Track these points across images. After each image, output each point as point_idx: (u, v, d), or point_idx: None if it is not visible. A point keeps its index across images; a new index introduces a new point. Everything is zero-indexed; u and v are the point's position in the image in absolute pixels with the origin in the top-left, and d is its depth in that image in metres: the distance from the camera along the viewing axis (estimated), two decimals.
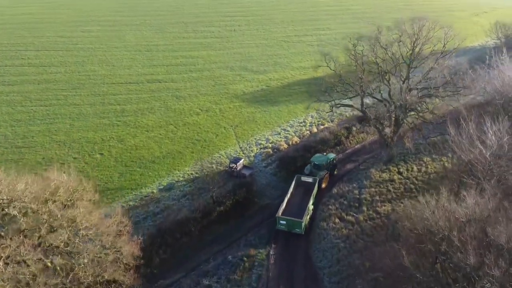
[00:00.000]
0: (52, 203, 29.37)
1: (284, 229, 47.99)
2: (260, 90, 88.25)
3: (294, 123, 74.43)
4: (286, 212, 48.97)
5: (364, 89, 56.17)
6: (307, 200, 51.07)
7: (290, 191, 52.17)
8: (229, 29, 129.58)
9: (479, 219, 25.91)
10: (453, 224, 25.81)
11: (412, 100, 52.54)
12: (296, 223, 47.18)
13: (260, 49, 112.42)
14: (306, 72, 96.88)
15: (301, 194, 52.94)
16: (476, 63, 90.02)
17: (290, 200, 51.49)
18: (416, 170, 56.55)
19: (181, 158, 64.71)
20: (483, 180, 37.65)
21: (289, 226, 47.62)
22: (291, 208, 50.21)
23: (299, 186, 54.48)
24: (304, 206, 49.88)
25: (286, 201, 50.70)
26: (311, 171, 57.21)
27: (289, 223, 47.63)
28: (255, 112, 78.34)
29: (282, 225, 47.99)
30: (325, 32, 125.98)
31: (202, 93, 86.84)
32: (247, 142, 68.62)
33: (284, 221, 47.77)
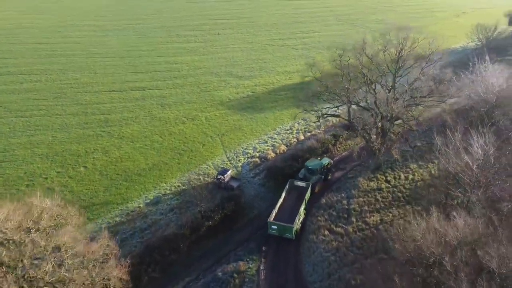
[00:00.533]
0: (35, 232, 28.35)
1: (276, 234, 48.66)
2: (246, 96, 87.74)
3: (281, 130, 74.16)
4: (278, 217, 49.53)
5: (350, 99, 56.12)
6: (300, 205, 51.60)
7: (283, 195, 52.76)
8: (213, 33, 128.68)
9: (469, 241, 26.01)
10: (444, 249, 25.83)
11: (399, 109, 52.75)
12: (287, 228, 47.84)
13: (245, 53, 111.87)
14: (291, 77, 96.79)
15: (294, 199, 53.46)
16: (459, 68, 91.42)
17: (282, 204, 52.06)
18: (404, 178, 56.84)
19: (167, 170, 63.77)
20: (470, 192, 37.94)
21: (280, 231, 48.29)
22: (283, 212, 50.67)
23: (292, 190, 55.12)
24: (296, 211, 50.28)
25: (279, 205, 51.26)
26: (305, 176, 57.85)
27: (280, 228, 48.24)
28: (241, 120, 77.81)
29: (274, 230, 48.62)
30: (309, 35, 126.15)
31: (187, 101, 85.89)
32: (234, 152, 68.07)
33: (276, 226, 48.36)
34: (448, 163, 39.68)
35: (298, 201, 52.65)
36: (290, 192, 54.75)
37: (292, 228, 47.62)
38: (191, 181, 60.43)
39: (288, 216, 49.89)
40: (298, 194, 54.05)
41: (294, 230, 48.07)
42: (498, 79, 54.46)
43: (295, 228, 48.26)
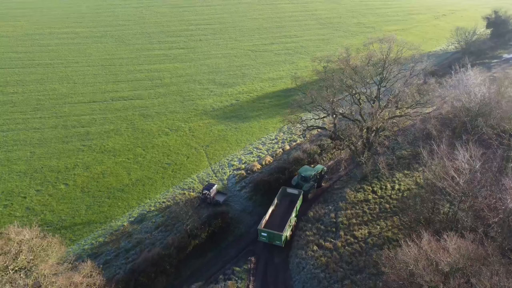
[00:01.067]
0: (13, 270, 26.92)
1: (265, 241, 49.32)
2: (230, 105, 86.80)
3: (266, 140, 73.49)
4: (269, 224, 50.27)
5: (335, 112, 55.81)
6: (291, 212, 51.76)
7: (274, 203, 53.40)
8: (195, 39, 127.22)
9: (461, 267, 25.79)
10: (437, 277, 25.55)
11: (384, 120, 52.68)
12: (277, 236, 48.38)
13: (227, 59, 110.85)
14: (275, 84, 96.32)
15: (286, 206, 54.02)
16: (442, 72, 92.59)
17: (274, 211, 52.75)
18: (390, 188, 56.85)
19: (151, 185, 62.40)
20: (457, 206, 37.94)
21: (270, 238, 48.93)
22: (274, 219, 51.32)
23: (284, 197, 55.43)
24: (287, 218, 50.53)
25: (270, 212, 51.92)
26: (298, 183, 58.07)
27: (270, 236, 48.82)
28: (226, 130, 76.85)
29: (264, 237, 49.29)
30: (292, 40, 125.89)
31: (170, 111, 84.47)
32: (219, 164, 67.08)
33: (265, 233, 48.94)
34: (435, 177, 39.59)
35: (290, 208, 53.18)
36: (282, 199, 55.24)
37: (281, 235, 47.97)
38: (176, 197, 59.30)
39: (278, 223, 50.44)
40: (290, 201, 54.59)
41: (284, 238, 48.43)
42: (481, 88, 54.90)
43: (285, 235, 48.60)
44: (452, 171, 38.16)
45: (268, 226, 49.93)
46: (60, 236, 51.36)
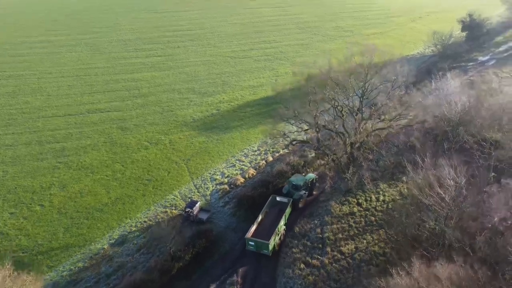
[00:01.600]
0: None
1: (253, 250, 49.75)
2: (210, 115, 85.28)
3: (248, 152, 72.30)
4: (257, 232, 50.56)
5: (319, 126, 55.14)
6: (280, 221, 51.57)
7: (263, 211, 53.66)
8: (172, 45, 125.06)
9: None
10: None
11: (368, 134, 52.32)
12: (264, 245, 48.67)
13: (207, 67, 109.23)
14: (255, 91, 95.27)
15: (275, 215, 53.93)
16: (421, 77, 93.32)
17: (263, 220, 53.01)
18: (375, 199, 56.53)
19: (132, 203, 60.46)
20: (444, 223, 37.69)
21: (258, 247, 49.38)
22: (262, 228, 51.43)
23: (274, 206, 55.51)
24: (276, 227, 50.51)
25: (259, 221, 52.28)
26: (289, 191, 58.02)
27: (257, 244, 49.27)
28: (207, 142, 75.33)
29: (251, 246, 49.76)
30: (271, 45, 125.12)
31: (149, 123, 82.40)
32: (201, 178, 65.57)
33: (253, 242, 49.46)
34: (420, 194, 39.28)
35: (279, 217, 53.01)
36: (271, 208, 55.23)
37: (268, 244, 48.21)
38: (158, 215, 57.60)
39: (267, 232, 50.39)
40: (279, 210, 54.55)
41: (271, 247, 48.75)
42: (461, 97, 55.17)
43: (272, 244, 48.82)
44: (437, 187, 37.86)
45: (256, 235, 50.16)
46: (36, 263, 49.88)
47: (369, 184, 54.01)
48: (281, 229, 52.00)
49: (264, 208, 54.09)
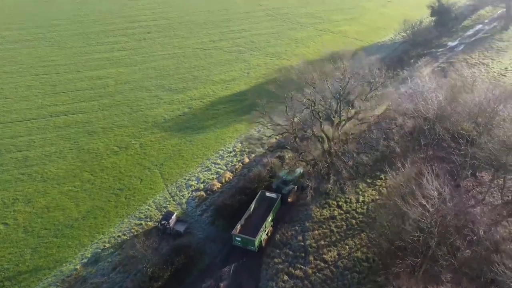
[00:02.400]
0: None
1: (240, 245, 50.33)
2: (182, 114, 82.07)
3: (223, 153, 70.01)
4: (244, 229, 51.03)
5: (297, 134, 53.46)
6: (268, 217, 51.96)
7: (252, 207, 53.93)
8: (138, 38, 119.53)
9: None
10: None
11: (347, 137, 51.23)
12: (250, 241, 49.37)
13: (175, 60, 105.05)
14: (228, 86, 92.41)
15: (264, 210, 54.10)
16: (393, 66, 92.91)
17: (251, 215, 53.32)
18: (354, 200, 55.98)
19: (104, 217, 57.48)
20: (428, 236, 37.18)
21: (244, 243, 50.07)
22: (250, 224, 51.82)
23: (262, 201, 55.55)
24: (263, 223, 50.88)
25: (247, 217, 52.54)
26: (278, 186, 58.04)
27: (243, 241, 49.94)
28: (180, 144, 72.46)
29: (238, 242, 50.37)
30: (241, 35, 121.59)
31: (117, 125, 78.51)
32: (176, 185, 63.02)
33: (239, 238, 50.07)
34: (403, 204, 38.54)
35: (267, 212, 53.21)
36: (260, 203, 55.23)
37: (254, 241, 48.87)
38: (132, 229, 55.04)
39: (254, 228, 50.78)
40: (268, 206, 54.66)
41: (257, 244, 49.25)
42: (437, 94, 54.64)
43: (258, 241, 49.36)
44: (420, 197, 37.17)
45: (243, 230, 50.61)
46: None
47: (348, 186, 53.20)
48: (269, 225, 52.27)
49: (253, 204, 54.25)
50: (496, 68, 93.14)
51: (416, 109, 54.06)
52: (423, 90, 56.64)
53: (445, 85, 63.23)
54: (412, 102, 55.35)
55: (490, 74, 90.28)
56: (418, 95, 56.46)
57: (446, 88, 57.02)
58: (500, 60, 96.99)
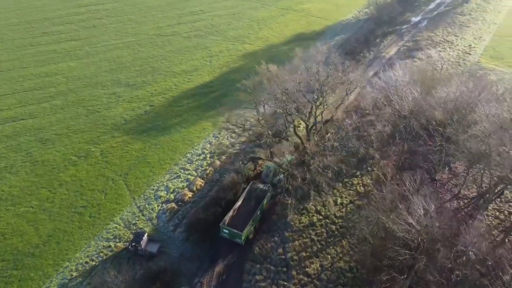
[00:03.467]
0: None
1: (227, 237, 50.40)
2: (144, 113, 76.76)
3: (192, 156, 66.17)
4: (233, 219, 51.04)
5: (271, 143, 50.48)
6: (256, 209, 52.00)
7: (242, 197, 53.74)
8: (87, 25, 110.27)
9: None
10: None
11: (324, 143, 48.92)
12: (237, 234, 49.59)
13: (131, 50, 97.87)
14: (190, 78, 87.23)
15: (254, 201, 53.72)
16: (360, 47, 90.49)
17: (240, 206, 53.09)
18: (333, 203, 54.44)
19: (68, 240, 53.09)
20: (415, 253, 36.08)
21: (231, 235, 50.25)
22: (239, 216, 51.80)
23: (252, 192, 55.09)
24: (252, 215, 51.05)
25: (236, 208, 52.37)
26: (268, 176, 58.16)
27: (231, 233, 50.12)
28: (144, 149, 67.85)
29: (225, 233, 50.51)
30: (199, 17, 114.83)
31: (73, 130, 72.43)
32: (144, 197, 59.07)
33: (227, 230, 50.20)
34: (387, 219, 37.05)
35: (257, 204, 53.03)
36: (250, 194, 54.70)
37: (242, 235, 49.05)
38: (100, 252, 51.20)
39: (243, 220, 50.78)
40: (258, 197, 54.27)
41: (244, 237, 49.40)
42: (411, 90, 52.92)
43: (245, 234, 49.53)
44: (406, 214, 35.72)
45: (232, 223, 50.56)
46: None
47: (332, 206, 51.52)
48: (257, 219, 52.14)
49: (243, 194, 53.93)
50: (461, 45, 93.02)
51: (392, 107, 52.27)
52: (396, 84, 54.71)
53: (416, 73, 61.90)
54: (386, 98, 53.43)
55: (455, 52, 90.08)
56: (391, 89, 54.54)
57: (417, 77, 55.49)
58: (463, 37, 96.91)
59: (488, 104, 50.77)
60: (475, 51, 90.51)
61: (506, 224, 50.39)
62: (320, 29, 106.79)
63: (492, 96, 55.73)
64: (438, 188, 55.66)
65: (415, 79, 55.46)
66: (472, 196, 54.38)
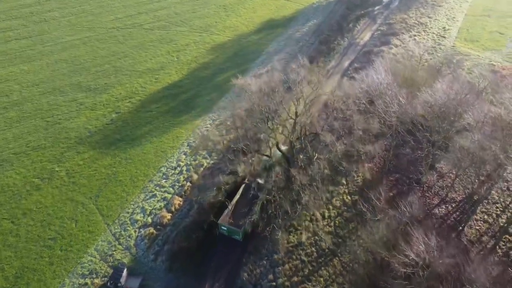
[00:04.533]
0: None
1: (226, 234, 50.87)
2: (110, 122, 71.06)
3: (167, 170, 61.91)
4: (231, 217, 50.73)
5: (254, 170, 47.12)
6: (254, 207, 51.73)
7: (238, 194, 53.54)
8: (38, 19, 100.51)
9: None
10: None
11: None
12: (235, 231, 50.31)
13: (89, 48, 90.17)
14: (157, 77, 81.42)
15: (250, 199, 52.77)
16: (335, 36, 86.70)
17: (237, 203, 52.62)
18: (320, 217, 52.24)
19: (39, 280, 48.64)
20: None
21: (230, 232, 50.82)
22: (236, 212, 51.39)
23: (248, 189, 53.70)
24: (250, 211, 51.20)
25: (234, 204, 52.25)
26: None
27: (229, 230, 50.67)
28: (114, 164, 62.93)
29: (224, 230, 50.97)
30: (161, 5, 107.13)
31: (33, 147, 66.21)
32: (119, 222, 54.87)
33: (225, 228, 50.63)
34: (386, 254, 35.04)
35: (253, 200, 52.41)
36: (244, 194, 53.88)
37: (239, 232, 49.80)
38: None
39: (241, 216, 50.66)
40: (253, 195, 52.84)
41: (242, 234, 50.03)
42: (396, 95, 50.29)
43: (243, 232, 50.00)
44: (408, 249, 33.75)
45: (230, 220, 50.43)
46: None
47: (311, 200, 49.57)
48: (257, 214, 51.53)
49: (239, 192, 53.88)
50: (435, 28, 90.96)
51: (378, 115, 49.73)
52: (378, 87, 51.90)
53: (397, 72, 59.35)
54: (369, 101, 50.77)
55: (430, 36, 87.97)
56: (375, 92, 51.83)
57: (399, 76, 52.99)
58: (436, 18, 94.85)
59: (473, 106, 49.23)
60: (449, 33, 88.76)
61: (495, 229, 49.91)
62: (291, 13, 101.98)
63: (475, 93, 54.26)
64: (425, 192, 54.50)
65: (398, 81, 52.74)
66: (460, 199, 53.48)
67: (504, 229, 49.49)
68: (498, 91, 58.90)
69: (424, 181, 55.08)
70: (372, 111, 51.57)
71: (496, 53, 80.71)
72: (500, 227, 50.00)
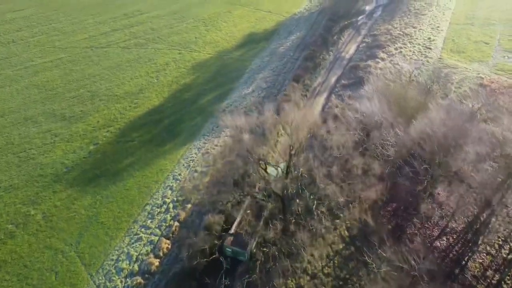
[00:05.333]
0: None
1: (231, 255, 49.77)
2: (88, 155, 66.71)
3: (152, 209, 58.11)
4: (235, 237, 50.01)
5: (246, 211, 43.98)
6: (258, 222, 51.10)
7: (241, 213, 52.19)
8: (5, 40, 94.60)
9: None
10: None
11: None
12: (240, 253, 49.52)
13: (62, 70, 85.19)
14: (136, 102, 77.27)
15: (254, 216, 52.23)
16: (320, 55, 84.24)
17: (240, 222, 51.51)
18: (318, 257, 49.50)
19: None
20: None
21: (235, 254, 49.85)
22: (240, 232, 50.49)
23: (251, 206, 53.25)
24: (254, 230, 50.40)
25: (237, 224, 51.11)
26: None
27: (234, 252, 49.75)
28: (95, 204, 58.81)
29: (229, 252, 49.99)
30: (137, 20, 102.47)
31: (5, 187, 61.56)
32: (103, 272, 50.91)
33: (230, 249, 49.78)
34: None
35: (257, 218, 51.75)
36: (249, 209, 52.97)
37: (245, 253, 49.10)
38: None
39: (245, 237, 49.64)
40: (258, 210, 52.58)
41: (248, 254, 49.25)
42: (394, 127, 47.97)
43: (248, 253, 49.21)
44: None
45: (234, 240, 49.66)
46: None
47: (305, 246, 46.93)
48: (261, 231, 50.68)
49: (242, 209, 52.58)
50: (420, 38, 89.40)
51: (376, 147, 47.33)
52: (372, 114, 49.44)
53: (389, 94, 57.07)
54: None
55: (416, 48, 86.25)
56: (371, 125, 49.37)
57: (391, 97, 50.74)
58: (421, 27, 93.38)
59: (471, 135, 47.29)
60: (435, 44, 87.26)
61: (498, 261, 48.23)
62: (272, 26, 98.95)
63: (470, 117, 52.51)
64: (424, 223, 52.50)
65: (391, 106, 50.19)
66: (460, 229, 51.65)
67: (508, 262, 47.90)
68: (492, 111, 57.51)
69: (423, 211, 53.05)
70: (368, 148, 49.07)
71: (483, 65, 79.55)
72: (503, 259, 48.37)
